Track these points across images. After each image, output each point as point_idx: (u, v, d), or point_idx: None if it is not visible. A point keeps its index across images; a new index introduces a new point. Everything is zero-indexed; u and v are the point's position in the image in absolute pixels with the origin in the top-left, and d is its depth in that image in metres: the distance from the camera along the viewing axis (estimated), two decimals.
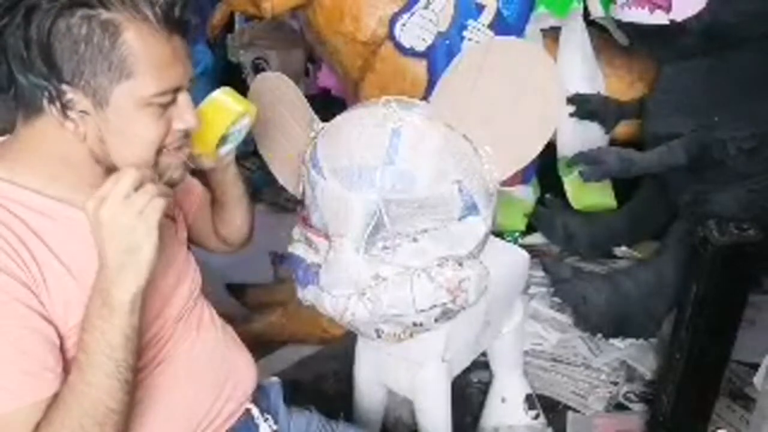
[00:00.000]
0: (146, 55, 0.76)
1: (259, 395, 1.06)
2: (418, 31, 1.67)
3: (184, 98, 0.82)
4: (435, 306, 1.07)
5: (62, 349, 0.78)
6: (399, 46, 1.69)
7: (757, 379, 1.26)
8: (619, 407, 1.61)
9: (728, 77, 1.55)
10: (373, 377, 1.39)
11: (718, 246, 1.26)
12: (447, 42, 1.67)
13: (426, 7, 1.65)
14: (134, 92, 0.77)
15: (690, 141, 1.56)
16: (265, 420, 1.03)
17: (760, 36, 1.48)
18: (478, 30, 1.67)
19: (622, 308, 1.70)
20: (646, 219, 1.91)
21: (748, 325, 1.46)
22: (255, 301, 2.00)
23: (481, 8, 1.66)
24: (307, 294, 1.14)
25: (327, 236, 1.09)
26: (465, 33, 1.67)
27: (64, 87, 0.75)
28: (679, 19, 1.46)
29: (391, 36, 1.68)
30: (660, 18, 1.47)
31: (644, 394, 1.63)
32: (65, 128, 0.77)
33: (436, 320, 1.10)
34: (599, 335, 1.75)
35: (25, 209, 0.78)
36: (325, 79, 2.44)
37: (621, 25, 1.61)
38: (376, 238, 1.06)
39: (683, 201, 1.69)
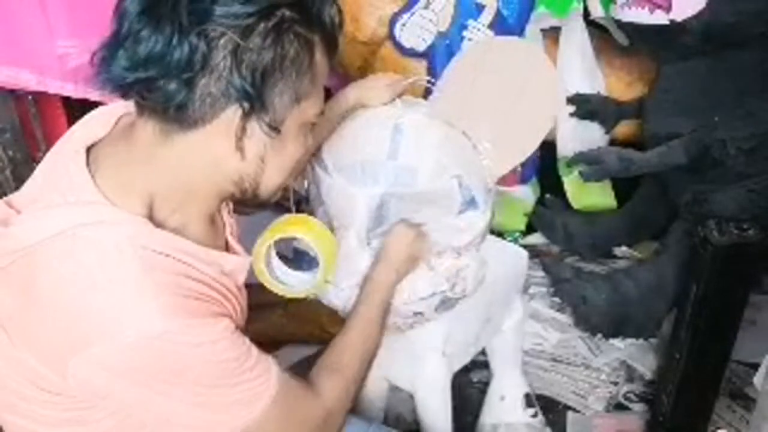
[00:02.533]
0: (323, 76, 0.79)
1: None
2: (418, 31, 1.67)
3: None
4: (434, 294, 1.10)
5: None
6: (399, 46, 1.69)
7: (757, 379, 1.26)
8: (619, 407, 1.61)
9: (728, 77, 1.55)
10: (375, 372, 1.39)
11: (718, 246, 1.26)
12: (447, 42, 1.67)
13: (426, 7, 1.65)
14: (306, 112, 0.78)
15: (690, 141, 1.56)
16: None
17: (760, 36, 1.48)
18: (478, 30, 1.67)
19: (622, 308, 1.70)
20: (646, 219, 1.91)
21: (748, 325, 1.46)
22: (255, 301, 2.00)
23: (481, 8, 1.66)
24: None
25: (330, 230, 1.11)
26: (465, 33, 1.67)
27: (263, 100, 0.72)
28: (679, 18, 1.46)
29: (391, 36, 1.68)
30: (660, 18, 1.47)
31: (644, 394, 1.63)
32: (229, 145, 0.74)
33: (435, 309, 1.12)
34: (599, 335, 1.75)
35: (191, 258, 0.76)
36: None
37: (621, 25, 1.61)
38: (378, 232, 1.08)
39: (683, 201, 1.69)
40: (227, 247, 0.91)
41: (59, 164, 0.79)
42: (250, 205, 0.86)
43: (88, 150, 0.78)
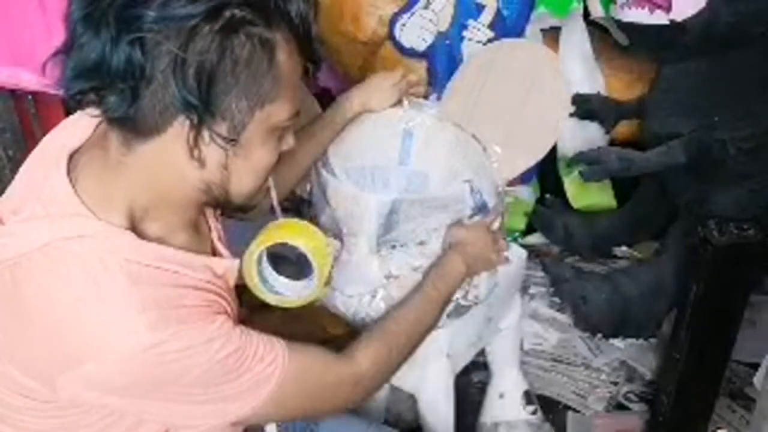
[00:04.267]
0: (290, 77, 0.73)
1: None
2: (418, 31, 1.67)
3: (295, 120, 0.79)
4: None
5: None
6: (399, 46, 1.69)
7: (757, 379, 1.26)
8: (619, 407, 1.61)
9: (728, 77, 1.54)
10: None
11: (718, 246, 1.26)
12: (447, 42, 1.67)
13: (426, 7, 1.65)
14: (272, 116, 0.73)
15: (690, 141, 1.56)
16: None
17: (760, 36, 1.48)
18: (478, 30, 1.66)
19: (622, 308, 1.70)
20: (646, 219, 1.91)
21: (748, 325, 1.46)
22: (255, 301, 1.99)
23: (481, 8, 1.66)
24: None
25: (336, 236, 1.10)
26: (465, 33, 1.67)
27: (212, 109, 0.67)
28: (679, 18, 1.45)
29: (391, 36, 1.68)
30: (660, 18, 1.47)
31: (644, 394, 1.63)
32: (185, 154, 0.70)
33: (448, 316, 1.12)
34: (599, 335, 1.75)
35: (178, 266, 0.74)
36: (326, 79, 2.44)
37: (621, 25, 1.61)
38: (389, 238, 1.07)
39: (683, 201, 1.69)
40: (214, 253, 0.89)
41: (40, 171, 0.77)
42: (236, 211, 0.84)
43: (70, 157, 0.76)
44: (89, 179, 0.74)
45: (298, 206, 1.20)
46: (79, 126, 0.80)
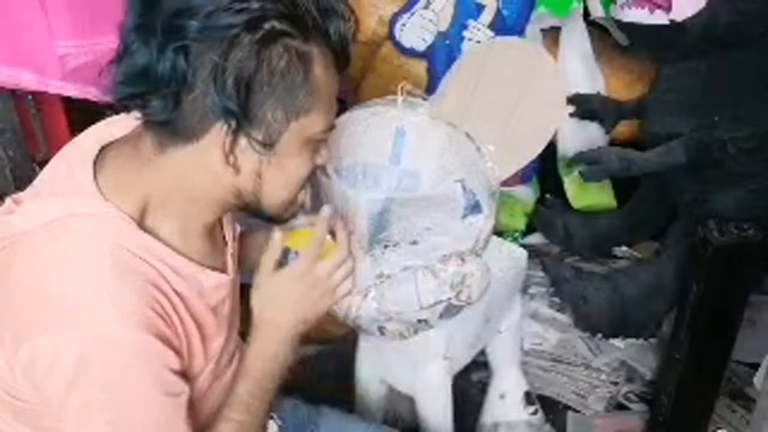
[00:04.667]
0: (326, 91, 0.75)
1: None
2: (418, 31, 1.67)
3: (330, 133, 0.81)
4: (439, 302, 1.09)
5: None
6: (399, 46, 1.69)
7: (757, 379, 1.26)
8: (619, 407, 1.61)
9: (728, 77, 1.54)
10: (375, 375, 1.40)
11: (718, 246, 1.26)
12: (447, 42, 1.67)
13: (426, 7, 1.65)
14: (306, 128, 0.75)
15: (690, 141, 1.56)
16: (270, 417, 1.03)
17: (760, 36, 1.48)
18: (478, 30, 1.67)
19: (622, 308, 1.70)
20: (646, 219, 1.91)
21: (748, 325, 1.46)
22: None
23: (481, 8, 1.66)
24: None
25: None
26: (465, 33, 1.67)
27: (250, 116, 0.70)
28: (679, 18, 1.46)
29: (391, 36, 1.68)
30: (660, 18, 1.47)
31: (644, 394, 1.63)
32: (221, 160, 0.72)
33: (440, 316, 1.11)
34: (599, 335, 1.75)
35: (168, 269, 0.75)
36: None
37: (621, 25, 1.61)
38: (380, 237, 1.07)
39: (683, 201, 1.69)
40: (224, 267, 0.88)
41: (65, 162, 0.79)
42: (269, 221, 0.84)
43: (103, 148, 0.79)
44: (112, 169, 0.76)
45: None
46: (117, 125, 0.82)
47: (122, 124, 0.82)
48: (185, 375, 0.78)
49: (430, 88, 1.50)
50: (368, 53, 1.73)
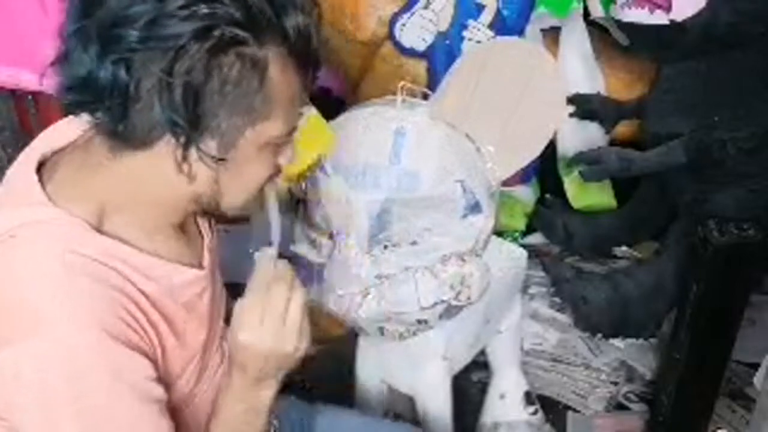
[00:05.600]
0: (285, 94, 0.70)
1: None
2: (418, 31, 1.67)
3: (293, 135, 0.76)
4: (439, 302, 1.09)
5: None
6: (399, 46, 1.69)
7: (757, 379, 1.26)
8: (619, 407, 1.61)
9: (728, 77, 1.54)
10: (375, 375, 1.40)
11: (718, 246, 1.26)
12: (447, 42, 1.67)
13: (426, 7, 1.65)
14: (264, 133, 0.71)
15: (690, 141, 1.56)
16: None
17: (760, 36, 1.48)
18: (478, 30, 1.66)
19: (622, 308, 1.70)
20: (646, 219, 1.91)
21: (748, 325, 1.46)
22: None
23: (481, 8, 1.66)
24: (311, 293, 1.15)
25: (330, 235, 1.10)
26: (465, 33, 1.67)
27: (200, 128, 0.66)
28: (679, 18, 1.46)
29: (391, 36, 1.68)
30: (660, 18, 1.47)
31: (644, 394, 1.63)
32: (174, 168, 0.69)
33: (440, 317, 1.11)
34: (599, 335, 1.75)
35: (131, 270, 0.72)
36: (326, 79, 2.44)
37: (621, 25, 1.61)
38: (380, 237, 1.07)
39: (683, 201, 1.69)
40: (200, 262, 0.86)
41: (23, 166, 0.77)
42: (227, 221, 0.82)
43: (52, 156, 0.76)
44: (63, 175, 0.74)
45: (297, 203, 1.20)
46: (69, 128, 0.80)
47: (73, 128, 0.78)
48: (161, 377, 0.75)
49: (430, 88, 1.50)
50: (368, 53, 1.72)
